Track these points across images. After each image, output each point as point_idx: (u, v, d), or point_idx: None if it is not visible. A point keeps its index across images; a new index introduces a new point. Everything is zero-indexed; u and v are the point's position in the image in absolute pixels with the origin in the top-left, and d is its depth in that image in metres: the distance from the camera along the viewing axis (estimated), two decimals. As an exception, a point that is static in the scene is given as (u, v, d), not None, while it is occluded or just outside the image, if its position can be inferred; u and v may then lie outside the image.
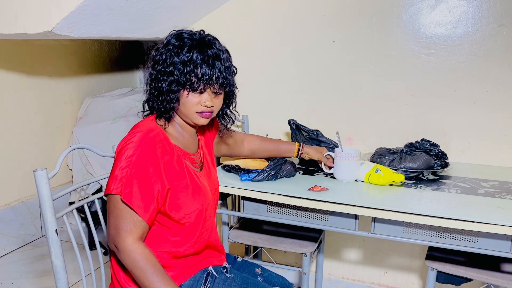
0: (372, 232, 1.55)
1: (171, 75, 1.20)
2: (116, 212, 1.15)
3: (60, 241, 1.20)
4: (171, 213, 1.23)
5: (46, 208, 1.17)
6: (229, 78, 1.25)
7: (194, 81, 1.20)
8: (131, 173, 1.14)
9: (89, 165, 2.94)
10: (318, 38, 2.28)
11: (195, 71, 1.19)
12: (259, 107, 2.41)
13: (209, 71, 1.20)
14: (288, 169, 1.74)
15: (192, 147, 1.34)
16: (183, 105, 1.23)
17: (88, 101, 3.16)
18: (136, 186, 1.14)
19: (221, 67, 1.21)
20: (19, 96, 2.75)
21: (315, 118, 2.33)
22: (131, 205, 1.14)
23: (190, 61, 1.19)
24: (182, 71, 1.19)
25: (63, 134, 3.09)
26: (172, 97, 1.22)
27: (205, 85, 1.21)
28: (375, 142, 2.21)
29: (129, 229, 1.14)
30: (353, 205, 1.48)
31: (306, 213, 1.63)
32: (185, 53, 1.19)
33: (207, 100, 1.23)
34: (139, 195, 1.14)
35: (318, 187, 1.62)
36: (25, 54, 2.77)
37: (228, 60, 1.26)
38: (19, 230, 2.79)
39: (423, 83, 2.14)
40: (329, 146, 1.88)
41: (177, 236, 1.27)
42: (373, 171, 1.67)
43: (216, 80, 1.21)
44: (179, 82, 1.20)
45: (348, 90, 2.27)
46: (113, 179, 1.15)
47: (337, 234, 2.35)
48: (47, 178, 1.16)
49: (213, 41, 1.25)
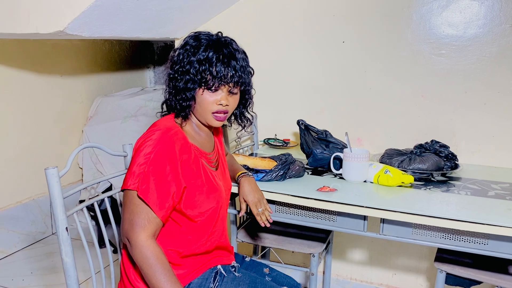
0: (380, 233, 1.54)
1: (188, 74, 1.22)
2: (131, 207, 1.17)
3: (70, 239, 1.21)
4: (186, 211, 1.24)
5: (57, 206, 1.18)
6: (244, 77, 1.26)
7: (209, 79, 1.21)
8: (149, 170, 1.15)
9: (99, 164, 2.97)
10: (328, 39, 2.28)
11: (210, 70, 1.20)
12: (268, 107, 2.41)
13: (224, 69, 1.21)
14: (297, 169, 1.74)
15: (208, 147, 1.36)
16: (199, 104, 1.25)
17: (98, 100, 3.19)
18: (153, 183, 1.15)
19: (236, 66, 1.23)
20: (31, 95, 2.78)
21: (324, 118, 2.33)
22: (147, 201, 1.15)
23: (206, 60, 1.20)
24: (198, 69, 1.21)
25: (74, 133, 3.11)
26: (188, 95, 1.23)
27: (220, 83, 1.22)
28: (384, 143, 2.20)
29: (143, 224, 1.15)
30: (361, 206, 1.48)
31: (314, 214, 1.63)
32: (201, 52, 1.21)
33: (222, 99, 1.24)
34: (155, 192, 1.15)
35: (327, 188, 1.62)
36: (37, 53, 2.80)
37: (245, 60, 1.27)
38: (30, 227, 2.82)
39: (434, 84, 2.13)
40: (338, 146, 1.87)
41: (188, 234, 1.28)
42: (382, 172, 1.67)
43: (231, 78, 1.22)
44: (194, 80, 1.21)
45: (357, 91, 2.26)
46: (131, 175, 1.17)
47: (345, 235, 2.34)
48: (58, 176, 1.17)
49: (229, 41, 1.26)
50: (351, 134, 2.10)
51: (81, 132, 3.13)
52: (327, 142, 1.91)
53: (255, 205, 1.47)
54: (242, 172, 1.54)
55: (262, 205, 1.47)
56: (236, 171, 1.55)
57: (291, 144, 2.33)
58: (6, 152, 2.66)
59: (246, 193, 1.48)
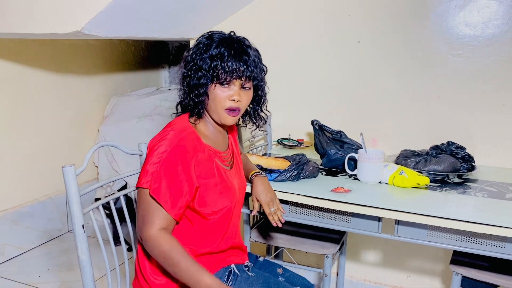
0: (395, 235, 1.53)
1: (200, 70, 1.23)
2: (144, 205, 1.19)
3: (86, 236, 1.23)
4: (199, 209, 1.25)
5: (74, 203, 1.19)
6: (256, 71, 1.26)
7: (221, 74, 1.22)
8: (161, 169, 1.17)
9: (114, 162, 3.00)
10: (343, 39, 2.27)
11: (222, 65, 1.22)
12: (282, 107, 2.41)
13: (235, 64, 1.22)
14: (311, 170, 1.73)
15: (222, 145, 1.36)
16: (212, 101, 1.26)
17: (114, 100, 3.22)
18: (165, 182, 1.16)
19: (248, 61, 1.24)
20: (48, 95, 2.82)
21: (339, 118, 2.32)
22: (159, 200, 1.16)
23: (217, 55, 1.22)
24: (210, 65, 1.22)
25: (90, 132, 3.15)
26: (201, 91, 1.24)
27: (232, 77, 1.23)
28: (400, 144, 2.18)
29: (154, 220, 1.17)
30: (376, 207, 1.47)
31: (328, 214, 1.62)
32: (213, 48, 1.23)
33: (235, 94, 1.25)
34: (167, 191, 1.17)
35: (341, 188, 1.61)
36: (54, 53, 2.84)
37: (257, 57, 1.28)
38: (46, 225, 2.86)
39: (450, 84, 2.10)
40: (353, 147, 1.86)
41: (202, 233, 1.29)
42: (398, 173, 1.65)
43: (242, 73, 1.23)
44: (207, 76, 1.23)
45: (373, 91, 2.25)
46: (144, 173, 1.18)
47: (360, 236, 2.33)
48: (75, 174, 1.19)
49: (242, 39, 1.28)
50: (366, 134, 2.08)
51: (97, 131, 3.17)
52: (341, 142, 1.90)
53: (267, 204, 1.47)
54: (256, 172, 1.54)
55: (274, 205, 1.47)
56: (250, 170, 1.56)
57: (305, 145, 2.32)
58: (24, 150, 2.70)
59: (259, 192, 1.48)
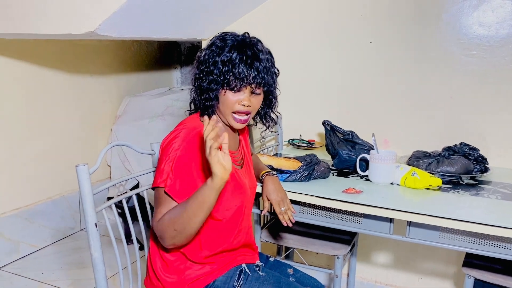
0: (407, 236, 1.52)
1: (211, 74, 1.24)
2: (159, 202, 1.21)
3: (99, 234, 1.24)
4: None
5: (87, 202, 1.21)
6: (267, 78, 1.26)
7: (232, 80, 1.22)
8: (175, 166, 1.18)
9: (126, 162, 3.02)
10: (355, 38, 2.26)
11: (233, 71, 1.22)
12: (293, 107, 2.41)
13: (246, 71, 1.22)
14: (322, 170, 1.73)
15: (233, 145, 1.37)
16: (222, 104, 1.27)
17: (127, 100, 3.25)
18: (179, 179, 1.18)
19: (259, 67, 1.24)
20: (62, 94, 2.85)
21: (350, 119, 2.31)
22: (174, 197, 1.18)
23: (229, 61, 1.22)
24: (221, 70, 1.23)
25: (102, 131, 3.18)
26: (211, 96, 1.25)
27: (242, 84, 1.23)
28: (412, 145, 2.17)
29: (161, 211, 1.18)
30: (388, 208, 1.46)
31: (339, 215, 1.62)
32: (225, 53, 1.23)
33: (244, 100, 1.25)
34: (182, 188, 1.18)
35: (352, 189, 1.61)
36: (68, 53, 2.87)
37: (269, 61, 1.28)
38: (59, 223, 2.90)
39: (463, 85, 2.08)
40: (364, 148, 1.86)
41: (214, 233, 1.29)
42: (409, 175, 1.65)
43: (253, 80, 1.23)
44: (218, 81, 1.24)
45: (385, 91, 2.24)
46: (160, 173, 1.20)
47: (371, 237, 2.32)
48: (88, 173, 1.20)
49: (255, 42, 1.28)
50: (378, 135, 2.07)
51: (109, 130, 3.20)
52: (353, 143, 1.89)
53: (278, 203, 1.47)
54: (266, 171, 1.55)
55: (285, 204, 1.48)
56: (261, 170, 1.56)
57: (316, 145, 2.32)
58: (37, 149, 2.74)
59: (270, 192, 1.48)
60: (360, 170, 1.78)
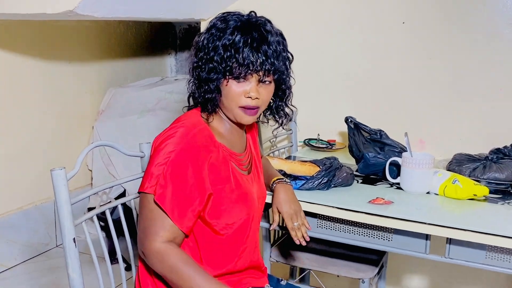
0: (446, 257, 1.51)
1: (211, 62, 1.24)
2: (146, 213, 1.20)
3: (78, 252, 1.25)
4: (211, 221, 1.26)
5: (64, 213, 1.21)
6: (278, 64, 1.26)
7: (235, 67, 1.22)
8: (168, 171, 1.18)
9: (111, 166, 3.04)
10: (384, 19, 2.26)
11: (236, 56, 1.22)
12: (309, 101, 2.41)
13: (252, 55, 1.22)
14: (344, 177, 1.73)
15: (239, 146, 1.37)
16: (225, 97, 1.26)
17: (111, 92, 3.26)
18: (172, 187, 1.18)
19: (268, 51, 1.23)
20: (34, 85, 2.87)
21: (378, 115, 2.30)
22: (164, 208, 1.18)
23: (231, 45, 1.22)
24: (222, 56, 1.22)
25: (82, 129, 3.20)
26: (211, 87, 1.25)
27: (247, 71, 1.23)
28: (453, 147, 2.15)
29: (157, 231, 1.18)
30: (423, 222, 1.46)
31: (365, 231, 1.61)
32: (227, 35, 1.23)
33: (251, 90, 1.25)
34: (175, 198, 1.18)
35: (381, 200, 1.60)
36: (42, 37, 2.89)
37: (280, 44, 1.28)
38: (31, 238, 2.91)
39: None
40: (395, 150, 1.85)
41: (215, 252, 1.29)
42: (450, 182, 1.64)
43: (260, 66, 1.23)
44: (218, 69, 1.23)
45: (420, 82, 2.23)
46: (148, 176, 1.20)
47: (403, 257, 2.31)
48: (65, 179, 1.21)
49: (262, 22, 1.27)
50: (411, 134, 2.06)
51: (91, 128, 3.22)
52: (381, 144, 1.89)
53: (290, 217, 1.47)
54: (278, 178, 1.54)
55: (299, 219, 1.47)
56: (271, 176, 1.56)
57: (337, 146, 2.31)
58: (6, 151, 2.76)
59: (281, 203, 1.48)
60: (390, 177, 1.77)
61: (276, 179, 1.54)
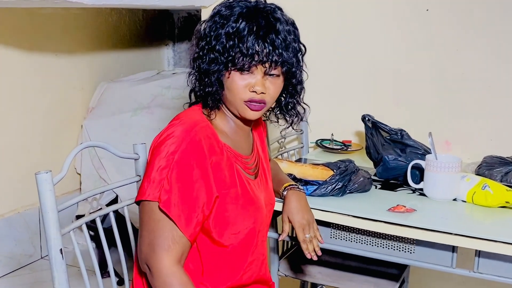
0: (475, 271, 1.51)
1: (212, 52, 1.24)
2: (151, 225, 1.20)
3: (65, 264, 1.25)
4: (214, 229, 1.26)
5: (50, 221, 1.22)
6: (287, 55, 1.26)
7: (238, 58, 1.22)
8: (173, 175, 1.18)
9: (102, 169, 3.04)
10: (406, 6, 2.26)
11: (240, 45, 1.22)
12: (322, 97, 2.41)
13: (257, 45, 1.22)
14: (361, 182, 1.73)
15: (245, 148, 1.38)
16: (228, 91, 1.27)
17: (102, 87, 3.27)
18: (178, 191, 1.18)
19: (275, 40, 1.23)
20: (17, 80, 2.87)
21: (399, 113, 2.30)
22: (171, 216, 1.17)
23: (235, 33, 1.22)
24: (225, 45, 1.23)
25: (70, 128, 3.21)
26: (212, 79, 1.25)
27: (251, 62, 1.23)
28: (483, 148, 2.15)
29: (167, 246, 1.18)
30: (449, 232, 1.45)
31: (384, 242, 1.61)
32: (231, 23, 1.23)
33: (256, 84, 1.25)
34: (181, 203, 1.18)
35: (402, 207, 1.60)
36: (26, 26, 2.90)
37: (291, 33, 1.28)
38: (13, 248, 2.92)
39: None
40: (418, 151, 1.85)
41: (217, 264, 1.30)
42: (479, 188, 1.64)
43: (267, 57, 1.23)
44: (220, 60, 1.24)
45: (446, 76, 2.23)
46: (149, 182, 1.20)
47: (427, 272, 2.30)
48: (51, 183, 1.21)
49: (271, 9, 1.27)
50: (436, 135, 2.05)
51: (80, 127, 3.23)
52: (403, 145, 1.88)
53: (302, 228, 1.46)
54: (290, 184, 1.54)
55: (311, 230, 1.47)
56: (282, 182, 1.56)
57: (353, 148, 2.31)
58: (-13, 151, 2.77)
59: (293, 211, 1.48)
60: (412, 182, 1.77)
61: (288, 185, 1.54)
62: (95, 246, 2.77)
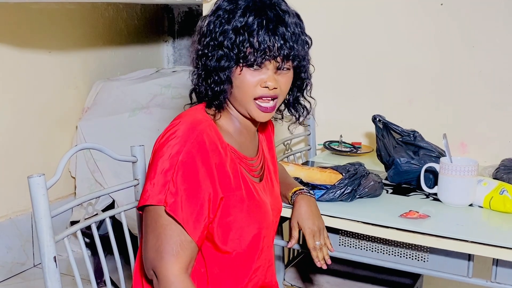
0: (493, 281, 1.51)
1: (220, 48, 1.25)
2: (158, 230, 1.20)
3: (59, 273, 1.25)
4: (217, 234, 1.26)
5: (43, 227, 1.22)
6: (297, 48, 1.27)
7: (249, 53, 1.23)
8: (178, 176, 1.19)
9: (98, 172, 3.05)
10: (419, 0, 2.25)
11: (250, 40, 1.23)
12: (330, 96, 2.41)
13: (269, 39, 1.23)
14: (371, 186, 1.72)
15: (250, 150, 1.38)
16: (237, 88, 1.27)
17: (98, 85, 3.28)
18: (184, 193, 1.19)
19: (286, 34, 1.24)
20: (8, 77, 2.88)
21: (412, 113, 2.30)
22: (179, 219, 1.18)
23: (244, 28, 1.23)
24: (234, 41, 1.23)
25: (65, 129, 3.21)
26: (222, 77, 1.26)
27: (264, 57, 1.24)
28: (501, 151, 2.14)
29: (175, 252, 1.19)
30: (465, 240, 1.45)
31: (396, 250, 1.61)
32: (238, 17, 1.24)
33: (269, 79, 1.26)
34: (188, 206, 1.19)
35: (415, 213, 1.60)
36: (17, 21, 2.90)
37: (298, 26, 1.29)
38: (5, 256, 2.93)
39: None
40: (432, 154, 1.85)
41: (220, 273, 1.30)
42: (497, 193, 1.63)
43: (278, 51, 1.24)
44: (230, 56, 1.24)
45: (461, 74, 2.23)
46: (153, 186, 1.21)
47: (441, 282, 2.30)
48: (45, 187, 1.21)
49: (277, 1, 1.28)
50: (451, 136, 2.05)
51: (74, 128, 3.23)
52: (415, 147, 1.88)
53: (312, 235, 1.47)
54: (299, 188, 1.55)
55: (322, 238, 1.47)
56: (290, 186, 1.56)
57: (363, 150, 2.31)
58: (-23, 154, 2.77)
59: (303, 217, 1.48)
60: (425, 186, 1.77)
61: (298, 189, 1.54)
62: (90, 253, 2.78)
